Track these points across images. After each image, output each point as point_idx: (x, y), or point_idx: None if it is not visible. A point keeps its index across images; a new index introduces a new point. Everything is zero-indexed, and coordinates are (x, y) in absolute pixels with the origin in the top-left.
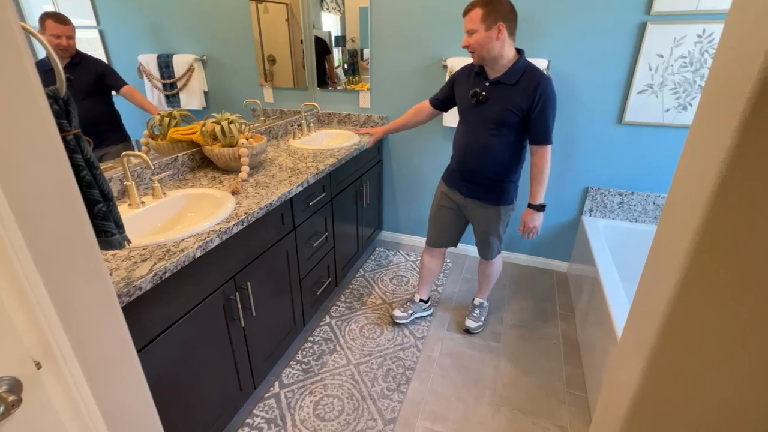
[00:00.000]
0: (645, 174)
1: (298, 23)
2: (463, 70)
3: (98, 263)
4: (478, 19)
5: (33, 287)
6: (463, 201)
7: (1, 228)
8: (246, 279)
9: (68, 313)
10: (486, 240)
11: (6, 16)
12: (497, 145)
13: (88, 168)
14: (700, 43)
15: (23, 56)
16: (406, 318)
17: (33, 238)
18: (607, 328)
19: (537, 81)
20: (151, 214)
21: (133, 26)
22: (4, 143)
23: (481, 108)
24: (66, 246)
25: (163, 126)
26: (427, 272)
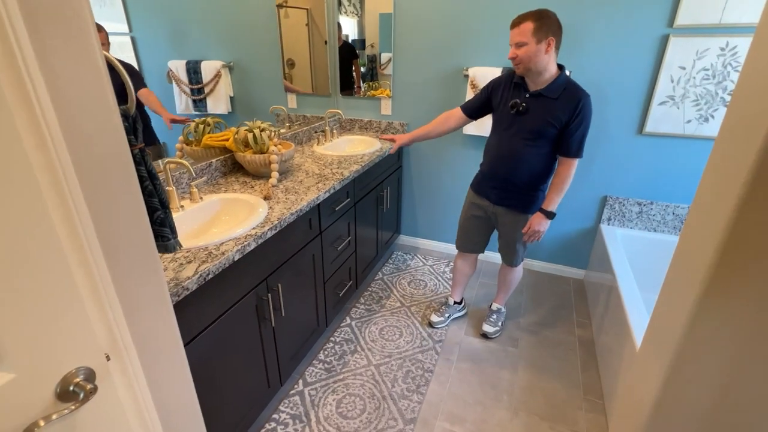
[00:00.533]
0: (665, 184)
1: (318, 28)
2: (500, 79)
3: (156, 265)
4: (530, 32)
5: (105, 286)
6: (492, 208)
7: (82, 234)
8: (277, 281)
9: (131, 311)
10: (513, 247)
11: (92, 46)
12: (533, 155)
13: (150, 179)
14: (723, 56)
15: (105, 83)
16: (443, 322)
17: (106, 242)
18: (625, 336)
19: (579, 97)
20: (189, 217)
21: (164, 33)
22: (90, 159)
23: (521, 118)
24: (131, 249)
25: (197, 133)
26: (460, 275)
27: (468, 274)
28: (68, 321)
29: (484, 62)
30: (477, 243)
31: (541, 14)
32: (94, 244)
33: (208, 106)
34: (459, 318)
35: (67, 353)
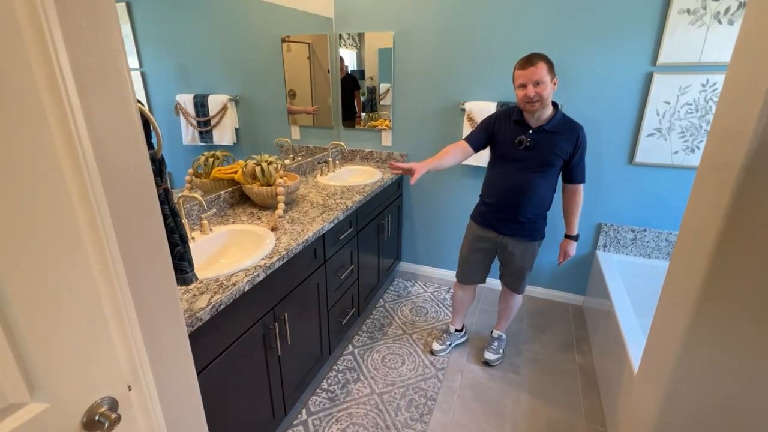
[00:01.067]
0: (657, 212)
1: (319, 61)
2: (498, 116)
3: (175, 298)
4: (545, 72)
5: (130, 319)
6: (500, 240)
7: (113, 270)
8: (284, 310)
9: (152, 342)
10: (521, 275)
11: (128, 100)
12: (542, 185)
13: (172, 216)
14: (704, 91)
15: (138, 131)
16: (445, 350)
17: (133, 277)
18: (623, 362)
19: (577, 130)
20: (200, 248)
21: (173, 69)
22: (122, 200)
23: (529, 153)
24: (154, 283)
25: (207, 166)
26: (459, 304)
27: (468, 303)
28: (98, 353)
29: (479, 97)
30: (479, 275)
31: (546, 56)
32: (123, 279)
33: (214, 137)
34: (460, 345)
35: (95, 383)
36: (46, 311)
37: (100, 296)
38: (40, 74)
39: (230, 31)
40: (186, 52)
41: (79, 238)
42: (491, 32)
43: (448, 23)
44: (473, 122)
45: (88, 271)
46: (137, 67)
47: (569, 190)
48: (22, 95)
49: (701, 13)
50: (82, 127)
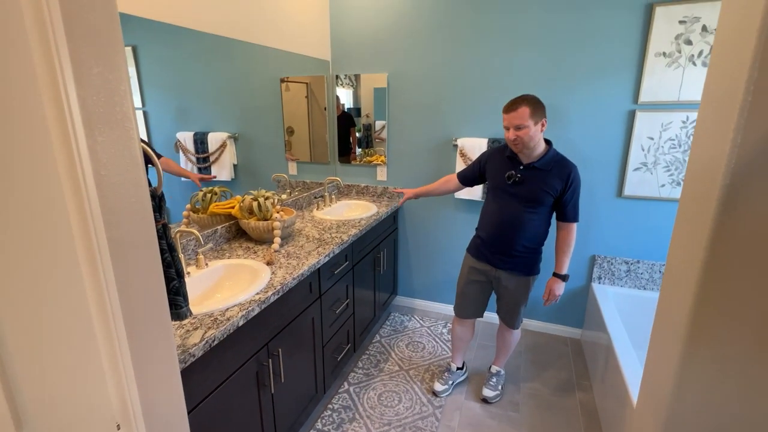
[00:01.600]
0: (648, 244)
1: (316, 100)
2: (492, 152)
3: (169, 334)
4: (527, 116)
5: (123, 356)
6: (494, 273)
7: (108, 304)
8: (278, 346)
9: (143, 379)
10: (515, 309)
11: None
12: (532, 221)
13: (169, 251)
14: (685, 127)
15: (140, 170)
16: (447, 390)
17: (128, 312)
18: (623, 396)
19: (569, 168)
20: (195, 283)
21: (174, 108)
22: (121, 234)
23: (517, 188)
24: (149, 319)
25: (205, 201)
26: (459, 341)
27: (468, 339)
28: (89, 391)
29: (471, 133)
30: (477, 308)
31: (532, 98)
32: (118, 314)
33: (212, 173)
34: (459, 382)
35: (84, 422)
36: (41, 347)
37: (95, 332)
38: (51, 113)
39: (231, 73)
40: (188, 92)
41: (78, 272)
42: (482, 73)
43: (439, 64)
44: (465, 158)
45: (84, 305)
46: (140, 107)
47: (561, 227)
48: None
49: (676, 56)
50: (86, 165)
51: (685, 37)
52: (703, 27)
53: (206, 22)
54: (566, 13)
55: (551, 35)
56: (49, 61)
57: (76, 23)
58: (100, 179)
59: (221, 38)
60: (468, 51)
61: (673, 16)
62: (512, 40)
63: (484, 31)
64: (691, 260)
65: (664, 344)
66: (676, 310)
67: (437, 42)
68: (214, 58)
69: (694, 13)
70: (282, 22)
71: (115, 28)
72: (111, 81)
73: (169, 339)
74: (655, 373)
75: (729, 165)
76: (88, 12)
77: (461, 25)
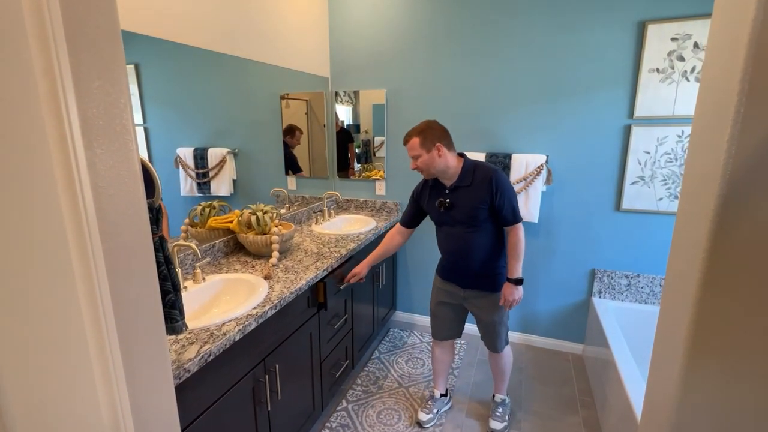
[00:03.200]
0: (648, 257)
1: (315, 116)
2: (420, 187)
3: (164, 348)
4: (418, 146)
5: (116, 370)
6: (462, 293)
7: (102, 317)
8: (275, 361)
9: (136, 395)
10: (492, 330)
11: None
12: (478, 239)
13: (165, 263)
14: (681, 141)
15: (138, 183)
16: (433, 419)
17: (122, 325)
18: (627, 414)
19: (490, 174)
20: (192, 297)
21: (175, 124)
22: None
23: (451, 213)
24: (144, 332)
25: (203, 215)
26: (439, 365)
27: (448, 362)
28: (79, 403)
29: (468, 148)
30: (451, 329)
31: (423, 128)
32: (112, 326)
33: (212, 188)
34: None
35: None
36: (31, 358)
37: (87, 344)
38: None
39: (232, 90)
40: (188, 108)
41: (72, 282)
42: (478, 89)
43: (437, 81)
44: None
45: (78, 317)
46: (141, 123)
47: (507, 232)
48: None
49: (670, 72)
50: (84, 176)
51: (677, 53)
52: (694, 44)
53: (208, 40)
54: (562, 31)
55: (547, 52)
56: (50, 73)
57: (79, 37)
58: (97, 191)
59: (222, 55)
60: (464, 68)
61: (666, 34)
62: (508, 57)
63: (481, 48)
64: (690, 272)
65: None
66: (676, 323)
67: (435, 59)
68: (215, 75)
69: (686, 30)
70: (282, 39)
71: (117, 43)
72: (111, 94)
73: (163, 353)
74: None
75: (725, 175)
76: (91, 27)
77: (458, 42)
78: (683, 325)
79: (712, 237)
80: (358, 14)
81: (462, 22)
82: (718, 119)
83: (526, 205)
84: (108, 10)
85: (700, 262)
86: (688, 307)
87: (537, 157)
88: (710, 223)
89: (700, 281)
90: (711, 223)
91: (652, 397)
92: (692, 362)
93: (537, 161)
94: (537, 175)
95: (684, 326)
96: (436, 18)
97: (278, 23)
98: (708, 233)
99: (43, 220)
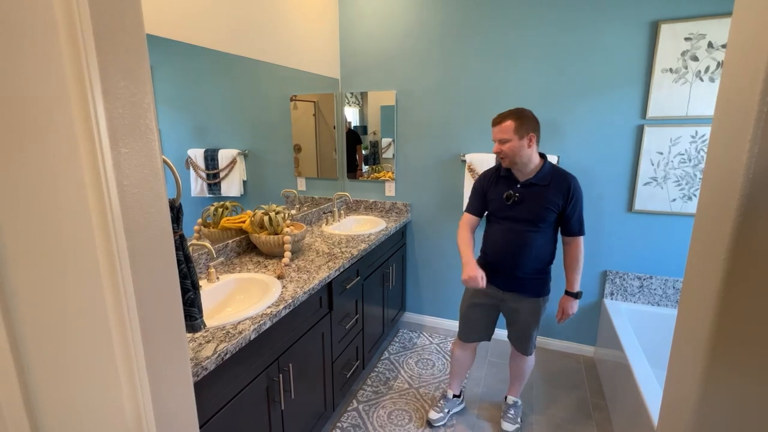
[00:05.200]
0: (661, 259)
1: (324, 118)
2: (485, 176)
3: (184, 346)
4: (512, 130)
5: (139, 366)
6: (500, 295)
7: (126, 314)
8: (288, 361)
9: (157, 391)
10: (527, 334)
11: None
12: (537, 240)
13: (185, 262)
14: (694, 142)
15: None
16: (443, 419)
17: (144, 322)
18: (644, 420)
19: (568, 180)
20: (206, 297)
21: (186, 126)
22: (140, 245)
23: (518, 207)
24: (165, 329)
25: (216, 215)
26: (458, 366)
27: (468, 365)
28: (105, 400)
29: (479, 149)
30: (483, 332)
31: (520, 113)
32: (135, 323)
33: (222, 189)
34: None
35: None
36: (61, 355)
37: (113, 342)
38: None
39: (243, 91)
40: (199, 110)
41: (98, 280)
42: (490, 88)
43: (447, 81)
44: (474, 173)
45: (104, 314)
46: None
47: (567, 243)
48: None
49: (683, 71)
50: (110, 175)
51: (691, 53)
52: (709, 43)
53: (220, 41)
54: (573, 30)
55: (559, 51)
56: (79, 74)
57: (106, 40)
58: (122, 189)
59: (234, 57)
60: (476, 67)
61: (679, 33)
62: (520, 56)
63: (492, 47)
64: (711, 272)
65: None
66: (696, 324)
67: (445, 59)
68: (226, 77)
69: (700, 30)
70: (294, 40)
71: (141, 45)
72: (136, 95)
73: (183, 351)
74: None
75: (747, 175)
76: (119, 30)
77: (469, 42)
78: (704, 327)
79: (734, 237)
80: (369, 16)
81: (473, 23)
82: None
83: None
84: (134, 13)
85: (721, 262)
86: (709, 308)
87: (549, 158)
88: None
89: (721, 281)
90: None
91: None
92: (713, 364)
93: None
94: None
95: (704, 327)
96: (447, 19)
97: (289, 24)
98: (731, 233)
99: (73, 218)
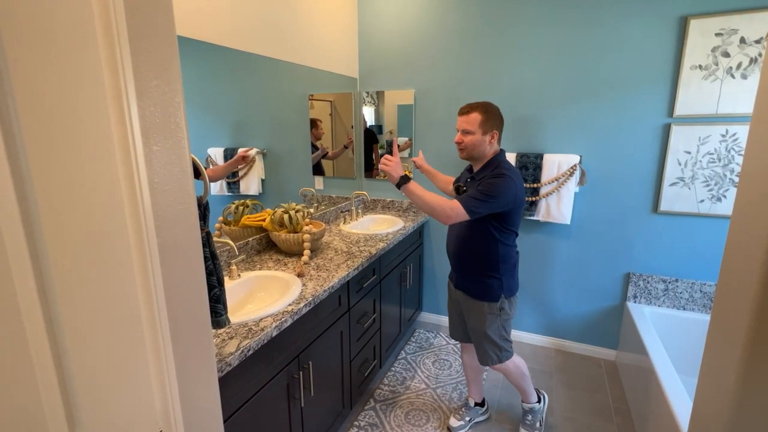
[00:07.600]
0: (688, 261)
1: (340, 117)
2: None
3: (210, 341)
4: (477, 123)
5: (167, 360)
6: (454, 293)
7: (156, 309)
8: (308, 358)
9: (185, 385)
10: (477, 341)
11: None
12: (472, 236)
13: (211, 258)
14: (725, 141)
15: (189, 180)
16: (464, 427)
17: (173, 317)
18: (670, 426)
19: (496, 173)
20: (228, 293)
21: (207, 126)
22: (170, 241)
23: None
24: (192, 325)
25: (237, 213)
26: (468, 371)
27: (477, 368)
28: (137, 395)
29: None
30: (459, 329)
31: (488, 107)
32: (164, 319)
33: (240, 187)
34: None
35: (131, 425)
36: (96, 350)
37: (144, 337)
38: (115, 122)
39: (262, 91)
40: (219, 109)
41: (132, 277)
42: (511, 87)
43: (466, 79)
44: None
45: (136, 310)
46: None
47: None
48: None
49: (713, 68)
50: (143, 172)
51: (722, 49)
52: (741, 39)
53: (240, 41)
54: (597, 26)
55: (582, 48)
56: (115, 73)
57: (140, 40)
58: (153, 186)
59: (253, 56)
60: (496, 66)
61: (709, 29)
62: (543, 53)
63: (513, 46)
64: (749, 274)
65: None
66: (732, 329)
67: (465, 58)
68: (245, 76)
69: (731, 25)
70: (313, 40)
71: (172, 45)
72: (167, 93)
73: (209, 346)
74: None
75: None
76: (151, 30)
77: (490, 40)
78: (740, 331)
79: None
80: (388, 15)
81: (494, 19)
82: None
83: (558, 206)
84: (165, 13)
85: (760, 264)
86: (746, 311)
87: (570, 157)
88: None
89: (760, 284)
90: None
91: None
92: (750, 370)
93: (570, 161)
94: (570, 175)
95: (741, 332)
96: (466, 17)
97: (309, 23)
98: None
99: (108, 215)
